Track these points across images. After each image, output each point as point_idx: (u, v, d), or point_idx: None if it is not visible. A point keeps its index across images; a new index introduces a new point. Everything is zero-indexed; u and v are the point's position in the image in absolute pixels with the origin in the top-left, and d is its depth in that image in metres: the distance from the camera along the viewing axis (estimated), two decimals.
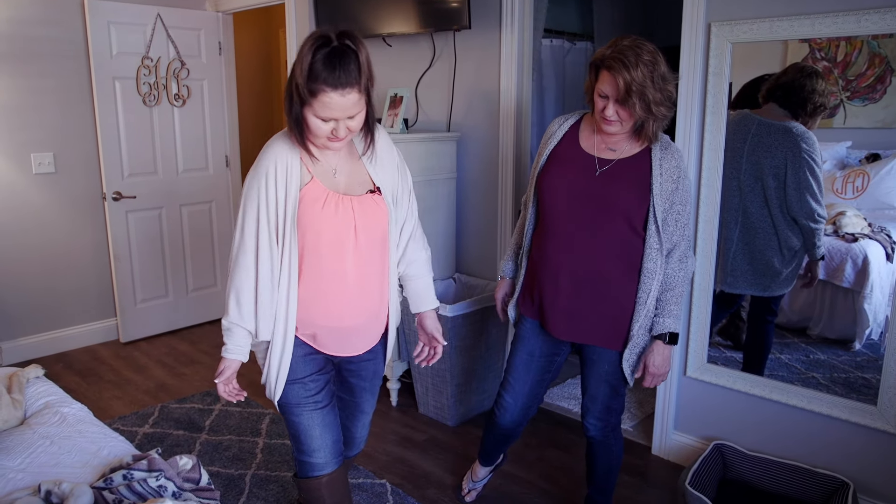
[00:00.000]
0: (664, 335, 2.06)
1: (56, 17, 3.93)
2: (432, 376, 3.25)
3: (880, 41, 2.38)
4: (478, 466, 2.62)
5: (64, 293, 4.19)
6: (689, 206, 2.03)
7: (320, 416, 1.95)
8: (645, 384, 2.12)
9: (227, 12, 4.55)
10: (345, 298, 1.87)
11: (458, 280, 3.57)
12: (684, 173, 2.02)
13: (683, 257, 2.05)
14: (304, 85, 1.63)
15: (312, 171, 1.80)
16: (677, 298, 2.06)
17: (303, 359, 1.90)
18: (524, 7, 3.19)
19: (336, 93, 1.62)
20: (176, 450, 3.00)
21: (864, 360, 2.55)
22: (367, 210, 1.84)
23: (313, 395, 1.93)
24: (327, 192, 1.79)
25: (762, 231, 2.62)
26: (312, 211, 1.77)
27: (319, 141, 1.74)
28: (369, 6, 3.52)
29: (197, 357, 4.17)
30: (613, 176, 2.03)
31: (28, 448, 2.06)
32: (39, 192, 4.00)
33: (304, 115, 1.68)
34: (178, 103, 4.40)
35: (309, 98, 1.64)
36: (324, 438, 1.96)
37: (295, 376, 1.90)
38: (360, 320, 1.92)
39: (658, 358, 2.08)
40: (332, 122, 1.68)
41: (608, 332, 2.11)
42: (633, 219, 2.01)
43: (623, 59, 1.87)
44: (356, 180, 1.86)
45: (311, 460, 1.97)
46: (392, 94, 3.45)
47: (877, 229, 2.61)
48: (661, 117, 1.94)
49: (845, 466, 2.48)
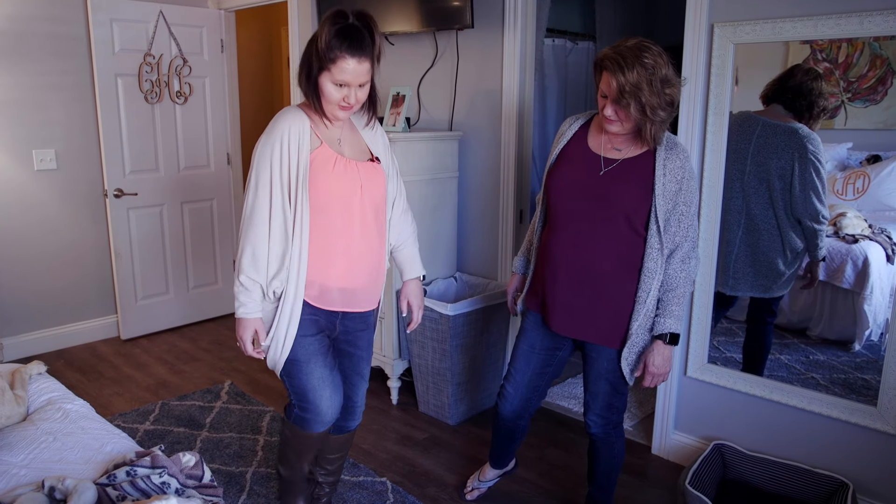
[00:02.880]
0: (665, 335, 2.07)
1: (58, 14, 3.93)
2: (433, 375, 3.26)
3: (882, 43, 2.39)
4: (487, 467, 2.65)
5: (65, 290, 4.20)
6: (693, 206, 2.03)
7: (330, 377, 2.09)
8: (644, 384, 2.13)
9: (229, 10, 4.55)
10: (352, 256, 2.04)
11: (459, 279, 3.57)
12: (689, 173, 2.02)
13: (686, 258, 2.05)
14: (326, 51, 1.83)
15: (322, 137, 1.99)
16: (679, 299, 2.06)
17: (308, 318, 2.05)
18: (527, 7, 3.20)
19: (354, 59, 1.84)
20: (177, 447, 3.00)
21: (864, 362, 2.56)
22: (370, 173, 2.05)
23: (322, 353, 2.08)
24: (336, 156, 1.99)
25: (766, 232, 2.62)
26: (324, 171, 1.95)
27: (330, 108, 1.93)
28: (372, 5, 3.52)
29: (198, 354, 4.18)
30: (617, 175, 2.04)
31: (31, 444, 2.06)
32: (41, 189, 4.00)
33: (321, 82, 1.89)
34: (180, 100, 4.40)
35: (328, 64, 1.85)
36: (333, 399, 2.10)
37: (305, 332, 2.03)
38: (365, 277, 2.10)
39: (658, 358, 2.08)
40: (344, 89, 1.89)
41: (606, 330, 2.12)
42: (634, 218, 2.02)
43: (620, 60, 1.88)
44: (357, 149, 2.08)
45: (317, 418, 2.11)
46: (394, 93, 3.45)
47: (877, 230, 2.61)
48: (659, 121, 1.93)
49: (845, 467, 2.49)
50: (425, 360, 3.27)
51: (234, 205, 4.82)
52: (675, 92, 1.93)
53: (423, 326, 3.20)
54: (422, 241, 3.37)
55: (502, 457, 2.58)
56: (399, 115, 3.37)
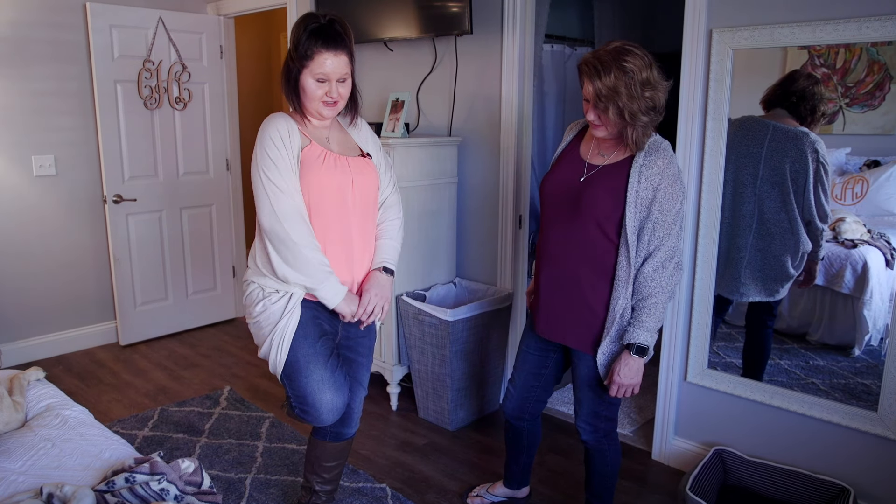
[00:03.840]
0: (632, 346, 2.01)
1: (58, 20, 3.94)
2: (432, 380, 3.25)
3: (879, 48, 2.39)
4: (500, 483, 2.68)
5: (64, 296, 4.19)
6: (671, 214, 1.96)
7: (331, 379, 2.08)
8: (610, 393, 2.08)
9: (228, 16, 4.56)
10: (348, 249, 2.08)
11: (458, 284, 3.57)
12: (670, 179, 1.95)
13: (660, 267, 1.98)
14: (303, 50, 1.92)
15: (309, 136, 2.04)
16: (651, 309, 1.99)
17: (311, 320, 2.06)
18: (525, 12, 3.21)
19: (330, 52, 1.93)
20: (176, 453, 2.99)
21: (864, 367, 2.56)
22: (361, 168, 2.09)
23: (324, 356, 2.07)
24: (325, 151, 2.04)
25: (779, 236, 2.60)
26: (314, 167, 1.99)
27: (314, 105, 1.99)
28: (371, 11, 3.53)
29: (196, 360, 4.17)
30: (594, 181, 2.04)
31: (29, 450, 2.05)
32: (40, 195, 4.00)
33: (302, 80, 1.96)
34: (179, 106, 4.40)
35: (307, 62, 1.93)
36: (334, 402, 2.09)
37: (305, 335, 2.04)
38: (361, 271, 2.13)
39: (624, 368, 2.02)
40: (326, 84, 1.96)
41: (581, 335, 2.13)
42: (605, 225, 2.01)
43: (597, 64, 1.88)
44: (347, 146, 2.13)
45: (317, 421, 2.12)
46: (393, 99, 3.46)
47: (876, 235, 2.62)
48: (640, 125, 1.92)
49: (845, 472, 2.48)
50: (425, 365, 3.26)
51: (233, 210, 4.82)
52: (658, 95, 1.91)
53: (423, 332, 3.20)
54: (421, 246, 3.39)
55: (513, 469, 2.59)
56: (398, 120, 3.37)
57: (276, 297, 2.02)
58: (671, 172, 1.96)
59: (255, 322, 2.07)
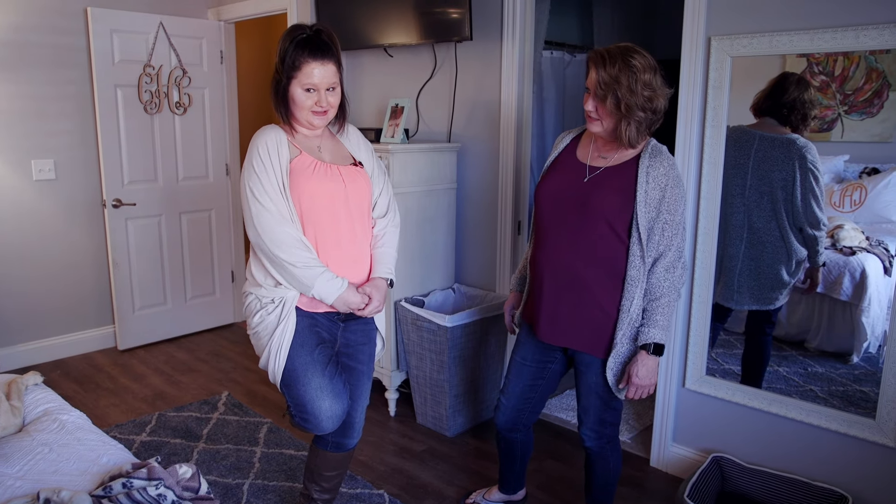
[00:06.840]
0: (649, 345, 2.04)
1: (59, 25, 3.95)
2: (431, 386, 3.25)
3: (878, 56, 2.40)
4: (495, 488, 2.67)
5: (62, 300, 4.19)
6: (678, 214, 2.01)
7: (330, 386, 2.06)
8: (628, 395, 2.10)
9: (228, 21, 4.57)
10: (342, 257, 2.07)
11: (457, 290, 3.57)
12: (674, 181, 2.00)
13: (670, 266, 2.02)
14: (290, 61, 1.93)
15: (299, 146, 2.05)
16: (664, 309, 2.04)
17: (308, 328, 2.06)
18: (525, 19, 3.22)
19: (317, 62, 1.94)
20: (173, 458, 2.99)
21: (862, 374, 2.56)
22: (353, 177, 2.09)
23: (322, 363, 2.06)
24: (315, 161, 2.04)
25: (770, 245, 2.62)
26: (304, 176, 2.00)
27: (304, 115, 2.00)
28: (371, 17, 3.54)
29: (195, 365, 4.16)
30: (599, 182, 2.05)
31: (27, 455, 2.05)
32: (39, 199, 4.01)
33: (291, 90, 1.98)
34: (179, 111, 4.41)
35: (294, 72, 1.94)
36: (333, 409, 2.08)
37: (302, 342, 2.03)
38: (356, 278, 2.12)
39: (642, 369, 2.04)
40: (314, 94, 1.97)
41: (590, 338, 2.11)
42: (616, 225, 2.02)
43: (605, 54, 1.95)
44: (339, 155, 2.14)
45: (317, 429, 2.10)
46: (393, 105, 3.46)
47: (874, 243, 2.62)
48: (635, 121, 1.94)
49: (843, 480, 2.48)
50: (423, 371, 3.26)
51: (232, 216, 4.82)
52: (656, 98, 1.95)
53: (421, 338, 3.20)
54: (420, 252, 3.39)
55: (507, 476, 2.58)
56: (398, 126, 3.38)
57: (272, 307, 2.03)
58: (675, 175, 2.01)
59: (255, 333, 2.09)
